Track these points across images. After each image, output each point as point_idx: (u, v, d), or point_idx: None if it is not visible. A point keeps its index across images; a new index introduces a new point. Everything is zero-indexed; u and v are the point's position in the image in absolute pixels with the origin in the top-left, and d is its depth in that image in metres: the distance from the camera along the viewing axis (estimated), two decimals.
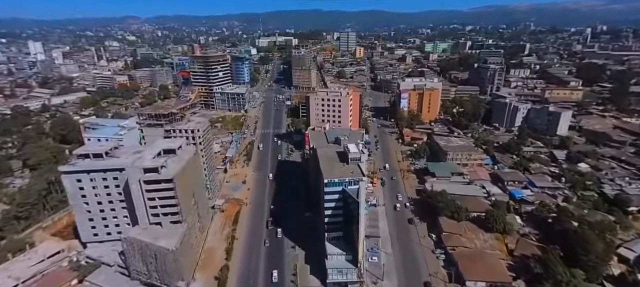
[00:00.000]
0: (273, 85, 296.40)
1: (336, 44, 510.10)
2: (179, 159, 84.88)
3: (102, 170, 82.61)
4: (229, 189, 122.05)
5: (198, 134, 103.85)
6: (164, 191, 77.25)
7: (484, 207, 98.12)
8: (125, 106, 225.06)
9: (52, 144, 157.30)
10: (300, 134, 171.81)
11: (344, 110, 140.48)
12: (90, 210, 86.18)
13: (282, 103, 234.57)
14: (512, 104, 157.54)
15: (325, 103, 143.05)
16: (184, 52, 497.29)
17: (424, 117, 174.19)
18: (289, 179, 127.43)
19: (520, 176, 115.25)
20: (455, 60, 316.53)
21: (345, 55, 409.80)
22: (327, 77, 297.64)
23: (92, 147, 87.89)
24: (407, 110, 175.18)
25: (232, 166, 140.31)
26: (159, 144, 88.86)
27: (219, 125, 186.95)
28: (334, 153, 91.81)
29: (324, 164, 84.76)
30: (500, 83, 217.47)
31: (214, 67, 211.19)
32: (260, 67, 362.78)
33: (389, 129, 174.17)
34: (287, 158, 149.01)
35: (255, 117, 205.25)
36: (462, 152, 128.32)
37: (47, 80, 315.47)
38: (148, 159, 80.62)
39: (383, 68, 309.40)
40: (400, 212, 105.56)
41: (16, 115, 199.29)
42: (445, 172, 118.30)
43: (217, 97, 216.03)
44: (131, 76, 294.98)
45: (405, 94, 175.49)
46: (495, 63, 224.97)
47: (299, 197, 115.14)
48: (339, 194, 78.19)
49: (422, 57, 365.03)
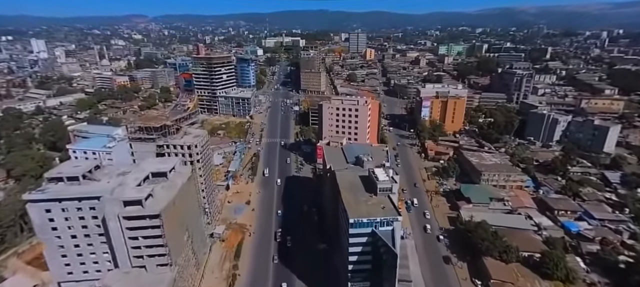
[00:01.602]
0: (280, 89, 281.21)
1: (345, 46, 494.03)
2: (171, 186, 69.61)
3: (76, 198, 67.52)
4: (230, 212, 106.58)
5: (195, 150, 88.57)
6: (149, 229, 62.08)
7: (538, 246, 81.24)
8: (123, 109, 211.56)
9: (39, 153, 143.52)
10: (310, 144, 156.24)
11: (362, 122, 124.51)
12: (63, 245, 71.09)
13: (290, 108, 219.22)
14: (551, 116, 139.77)
15: (340, 113, 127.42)
16: (188, 52, 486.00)
17: (447, 128, 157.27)
18: (299, 199, 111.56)
19: (573, 204, 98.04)
20: (473, 65, 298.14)
21: (355, 57, 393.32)
22: (336, 80, 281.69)
23: (67, 168, 72.91)
24: (429, 119, 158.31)
25: (236, 182, 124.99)
26: (147, 166, 73.69)
27: (221, 133, 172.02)
28: (357, 179, 75.86)
29: (347, 195, 68.83)
30: (529, 90, 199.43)
31: (217, 69, 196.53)
32: (267, 69, 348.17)
33: (408, 140, 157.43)
34: (296, 173, 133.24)
35: (260, 124, 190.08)
36: (499, 172, 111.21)
37: (46, 79, 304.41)
38: (131, 186, 65.48)
39: (396, 71, 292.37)
40: (431, 245, 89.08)
41: (7, 117, 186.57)
42: (482, 197, 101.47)
43: (220, 101, 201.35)
44: (132, 77, 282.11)
45: (427, 102, 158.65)
46: (523, 68, 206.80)
47: (311, 223, 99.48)
48: (368, 237, 62.22)
49: (436, 60, 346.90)
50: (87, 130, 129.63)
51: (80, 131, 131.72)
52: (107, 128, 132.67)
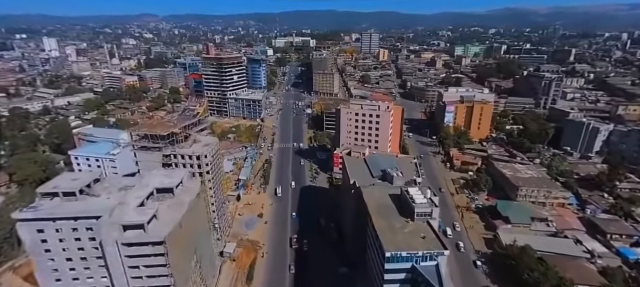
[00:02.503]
0: (291, 90, 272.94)
1: (356, 46, 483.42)
2: (177, 204, 61.28)
3: (72, 217, 59.65)
4: (241, 225, 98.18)
5: (205, 160, 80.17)
6: (151, 257, 53.77)
7: (595, 279, 70.39)
8: (131, 110, 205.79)
9: (43, 156, 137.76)
10: (325, 151, 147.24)
11: (383, 129, 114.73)
12: (57, 268, 63.40)
13: (302, 111, 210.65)
14: (590, 124, 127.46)
15: (359, 118, 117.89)
16: (198, 52, 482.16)
17: (473, 135, 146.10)
18: (315, 211, 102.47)
19: (627, 227, 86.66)
20: (492, 66, 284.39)
21: (367, 57, 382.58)
22: (349, 81, 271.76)
23: (63, 182, 65.21)
24: (453, 126, 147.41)
25: (247, 191, 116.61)
26: (151, 180, 65.55)
27: (231, 137, 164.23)
28: (387, 200, 66.33)
29: (379, 221, 59.38)
30: (557, 95, 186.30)
31: (228, 70, 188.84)
32: (277, 69, 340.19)
33: (429, 147, 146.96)
34: (311, 182, 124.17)
35: (272, 127, 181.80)
36: (538, 187, 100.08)
37: (56, 78, 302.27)
38: (132, 205, 57.34)
39: (411, 73, 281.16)
40: (468, 271, 78.82)
41: (13, 117, 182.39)
42: (522, 216, 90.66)
43: (230, 103, 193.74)
44: (141, 77, 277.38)
45: (450, 107, 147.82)
46: (550, 71, 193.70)
47: (329, 241, 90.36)
48: (407, 273, 52.58)
49: (452, 62, 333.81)
50: (92, 134, 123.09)
51: (85, 134, 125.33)
52: (113, 131, 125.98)
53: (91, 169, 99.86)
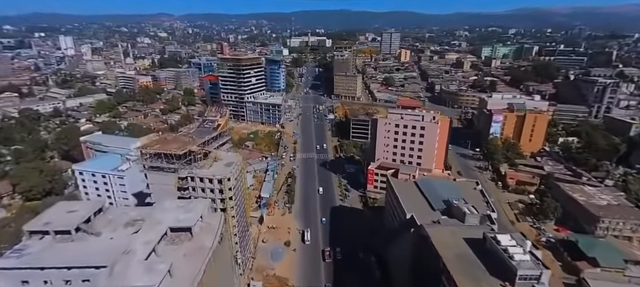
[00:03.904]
0: (309, 92, 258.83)
1: (373, 46, 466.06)
2: (196, 251, 47.51)
3: (64, 266, 46.52)
4: (267, 256, 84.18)
5: (228, 184, 66.34)
6: None
7: None
8: (143, 113, 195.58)
9: (49, 165, 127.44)
10: (354, 163, 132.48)
11: (429, 144, 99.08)
12: None
13: (324, 116, 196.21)
14: None
15: (400, 130, 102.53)
16: (212, 51, 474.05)
17: (524, 148, 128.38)
18: (350, 241, 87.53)
19: None
20: (528, 69, 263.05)
21: (387, 58, 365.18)
22: (371, 84, 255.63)
23: (57, 216, 52.37)
24: (501, 137, 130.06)
25: (270, 211, 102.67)
26: (164, 216, 51.93)
27: (250, 145, 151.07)
28: (467, 250, 50.78)
29: (463, 282, 43.95)
30: (613, 102, 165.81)
31: (246, 72, 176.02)
32: (294, 70, 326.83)
33: (472, 161, 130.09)
34: (341, 201, 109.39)
35: (292, 134, 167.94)
36: (626, 218, 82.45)
37: (69, 77, 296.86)
38: (139, 256, 43.75)
39: (438, 75, 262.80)
40: None
41: (23, 120, 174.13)
42: (612, 258, 73.35)
43: (248, 107, 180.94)
44: (155, 77, 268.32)
45: (498, 116, 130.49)
46: (604, 76, 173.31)
47: (372, 280, 75.50)
48: None
49: (480, 63, 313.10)
50: (101, 143, 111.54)
51: (93, 143, 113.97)
52: (123, 140, 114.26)
53: (97, 186, 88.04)
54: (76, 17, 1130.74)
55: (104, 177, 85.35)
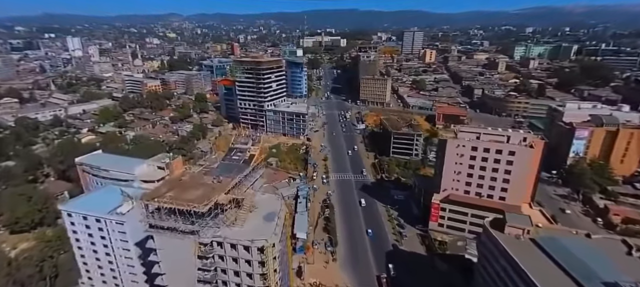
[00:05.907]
0: (331, 97, 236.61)
1: (389, 46, 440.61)
2: None
3: None
4: None
5: (272, 253, 44.47)
6: None
7: None
8: (152, 122, 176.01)
9: (39, 190, 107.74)
10: (401, 188, 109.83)
11: (519, 174, 75.89)
12: None
13: (352, 125, 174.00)
14: None
15: (478, 155, 79.43)
16: (222, 52, 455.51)
17: (615, 170, 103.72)
18: None
19: None
20: (574, 70, 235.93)
21: (410, 59, 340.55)
22: (400, 87, 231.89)
23: None
24: (587, 158, 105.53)
25: (308, 257, 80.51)
26: None
27: (273, 162, 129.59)
28: None
29: None
30: None
31: (266, 77, 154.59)
32: (311, 73, 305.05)
33: (550, 186, 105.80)
34: (396, 242, 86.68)
35: (320, 148, 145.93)
36: None
37: (74, 81, 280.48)
38: None
39: (473, 78, 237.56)
40: None
41: (19, 130, 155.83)
42: None
43: (268, 116, 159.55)
44: (164, 80, 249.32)
45: (582, 131, 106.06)
46: None
47: None
48: None
49: (516, 64, 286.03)
50: (99, 166, 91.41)
51: (91, 166, 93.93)
52: (126, 162, 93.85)
53: (90, 232, 67.18)
54: (87, 18, 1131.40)
55: (99, 222, 64.44)
